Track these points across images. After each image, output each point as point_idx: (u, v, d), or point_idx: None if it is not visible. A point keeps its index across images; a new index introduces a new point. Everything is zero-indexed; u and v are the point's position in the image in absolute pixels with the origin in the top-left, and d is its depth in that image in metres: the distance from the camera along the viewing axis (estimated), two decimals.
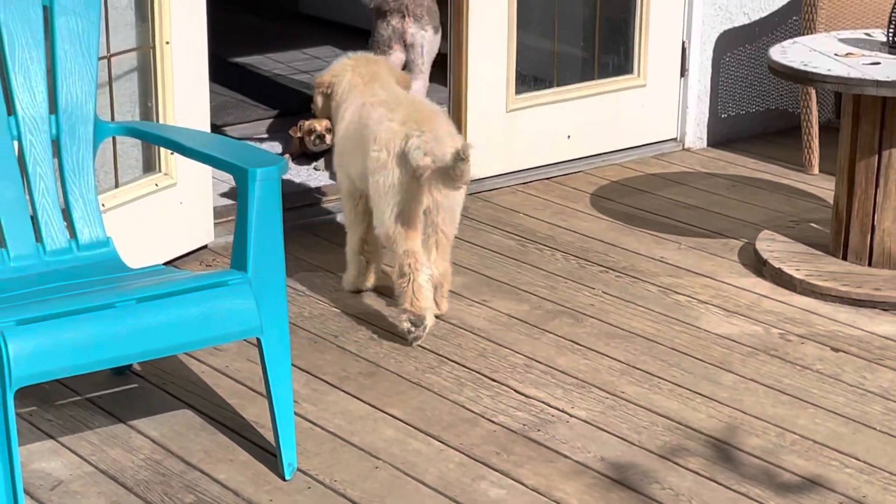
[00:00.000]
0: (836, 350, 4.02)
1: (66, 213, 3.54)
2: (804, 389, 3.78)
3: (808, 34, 5.26)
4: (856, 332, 4.12)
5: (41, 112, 3.51)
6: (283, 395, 3.30)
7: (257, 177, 3.21)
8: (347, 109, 4.22)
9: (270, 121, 5.99)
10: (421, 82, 5.40)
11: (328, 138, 5.34)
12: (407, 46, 5.39)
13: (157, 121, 4.36)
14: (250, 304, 3.19)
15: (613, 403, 3.69)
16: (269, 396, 3.29)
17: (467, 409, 3.65)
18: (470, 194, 5.17)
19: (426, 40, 5.40)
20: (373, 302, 4.28)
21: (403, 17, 5.36)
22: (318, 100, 4.37)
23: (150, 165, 4.46)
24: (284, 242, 3.28)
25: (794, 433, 3.55)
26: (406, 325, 3.95)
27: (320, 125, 5.38)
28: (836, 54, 4.46)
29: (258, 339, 3.24)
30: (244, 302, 3.19)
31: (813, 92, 5.41)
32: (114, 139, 4.22)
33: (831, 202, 4.64)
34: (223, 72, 6.56)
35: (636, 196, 5.24)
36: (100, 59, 3.76)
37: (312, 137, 5.41)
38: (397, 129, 3.94)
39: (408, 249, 3.95)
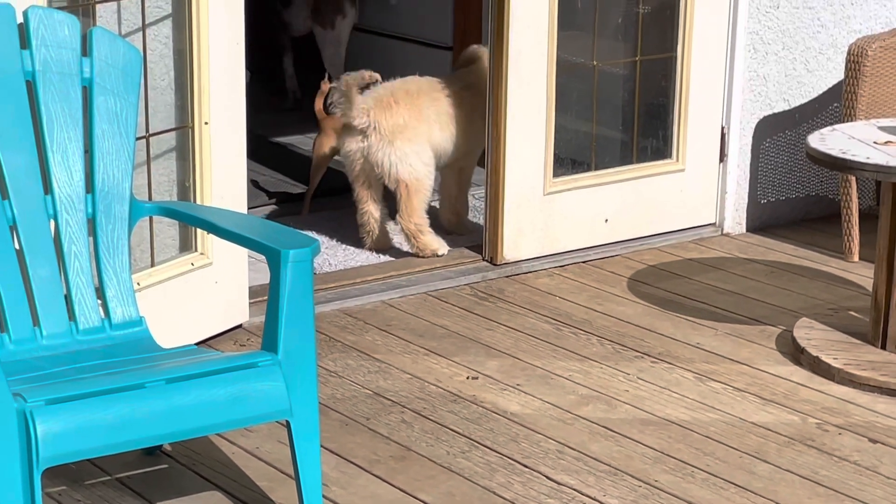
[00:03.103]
0: (875, 441, 3.96)
1: (100, 292, 3.55)
2: (841, 481, 3.72)
3: (847, 121, 5.25)
4: (895, 424, 4.06)
5: (77, 191, 3.54)
6: (311, 477, 3.28)
7: (289, 258, 3.21)
8: None
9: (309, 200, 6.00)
10: None
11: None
12: None
13: (195, 200, 4.38)
14: (280, 386, 3.19)
15: (646, 492, 3.64)
16: (297, 479, 3.27)
17: (498, 496, 3.62)
18: (507, 276, 5.18)
19: None
20: (405, 385, 4.26)
21: None
22: None
23: (186, 245, 4.47)
24: (318, 322, 3.28)
25: None
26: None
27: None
28: (875, 142, 4.44)
29: (287, 421, 3.23)
30: (273, 384, 3.18)
31: (853, 179, 5.39)
32: (150, 218, 4.24)
33: (871, 290, 4.59)
34: (265, 150, 6.60)
35: (673, 281, 5.21)
36: (138, 138, 3.79)
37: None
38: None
39: (365, 210, 5.38)
